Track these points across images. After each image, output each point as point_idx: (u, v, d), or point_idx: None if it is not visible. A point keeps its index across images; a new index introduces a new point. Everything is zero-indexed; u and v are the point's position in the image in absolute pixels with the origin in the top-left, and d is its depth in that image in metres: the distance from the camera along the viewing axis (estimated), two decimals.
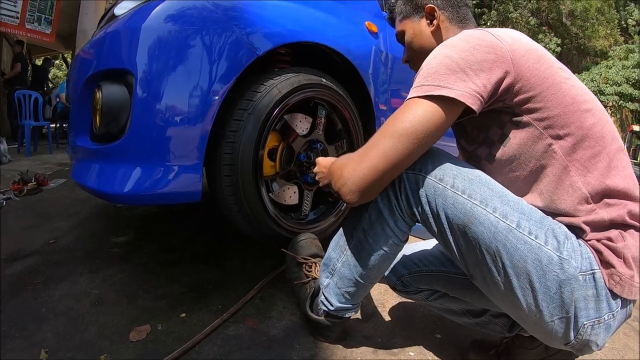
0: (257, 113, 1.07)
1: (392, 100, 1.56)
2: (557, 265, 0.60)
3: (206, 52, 1.00)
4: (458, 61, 0.65)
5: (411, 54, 0.90)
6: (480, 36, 0.67)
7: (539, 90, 0.65)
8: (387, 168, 0.66)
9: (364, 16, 1.51)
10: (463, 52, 0.65)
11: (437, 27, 0.84)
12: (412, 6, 0.87)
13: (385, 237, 0.75)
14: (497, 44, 0.66)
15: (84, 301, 1.08)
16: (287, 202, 1.24)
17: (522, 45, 0.68)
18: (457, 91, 0.63)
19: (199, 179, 1.02)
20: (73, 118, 1.21)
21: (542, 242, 0.62)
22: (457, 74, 0.64)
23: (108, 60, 1.05)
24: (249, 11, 1.09)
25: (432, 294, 0.96)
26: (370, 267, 0.79)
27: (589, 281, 0.61)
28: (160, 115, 0.95)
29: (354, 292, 0.84)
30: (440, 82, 0.64)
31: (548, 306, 0.62)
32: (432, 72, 0.65)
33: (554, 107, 0.65)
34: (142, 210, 1.89)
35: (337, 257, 0.84)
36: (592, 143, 0.65)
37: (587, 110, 0.66)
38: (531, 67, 0.65)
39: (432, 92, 0.64)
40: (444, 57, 0.66)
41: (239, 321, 1.00)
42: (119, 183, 0.97)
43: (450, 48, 0.67)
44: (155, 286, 1.16)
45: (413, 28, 0.87)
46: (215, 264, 1.31)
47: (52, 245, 1.48)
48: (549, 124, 0.65)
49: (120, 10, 1.17)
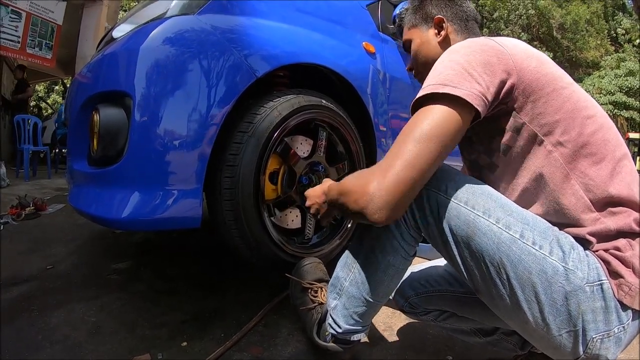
0: (258, 135, 1.06)
1: (391, 121, 1.57)
2: (563, 276, 0.59)
3: (205, 74, 1.00)
4: (462, 63, 0.65)
5: (416, 62, 0.91)
6: (483, 42, 0.69)
7: (540, 95, 0.65)
8: (416, 176, 0.62)
9: (361, 37, 1.52)
10: (466, 56, 0.66)
11: (444, 37, 0.85)
12: (421, 16, 0.89)
13: (393, 251, 0.75)
14: (499, 49, 0.67)
15: (82, 329, 1.05)
16: (290, 226, 1.23)
17: (523, 51, 0.68)
18: (463, 90, 0.62)
19: (199, 203, 1.00)
20: (70, 141, 1.20)
21: (547, 253, 0.60)
22: (462, 75, 0.64)
23: (105, 82, 1.05)
24: (247, 33, 1.10)
25: (440, 314, 0.94)
26: (379, 284, 0.78)
27: (596, 292, 0.59)
28: (158, 138, 0.94)
29: (362, 312, 0.82)
30: (445, 81, 0.64)
31: (555, 319, 0.60)
32: (437, 74, 0.66)
33: (554, 113, 0.65)
34: (140, 236, 1.87)
35: (344, 276, 0.83)
36: (593, 150, 0.64)
37: (588, 116, 0.66)
38: (532, 72, 0.66)
39: (438, 90, 0.63)
40: (449, 61, 0.67)
41: (242, 349, 0.97)
42: (116, 208, 0.95)
43: (454, 53, 0.69)
44: (155, 314, 1.12)
45: (420, 37, 0.89)
46: (216, 292, 1.28)
47: (49, 271, 1.45)
48: (550, 130, 0.65)
49: (118, 33, 1.18)
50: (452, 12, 0.86)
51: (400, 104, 1.62)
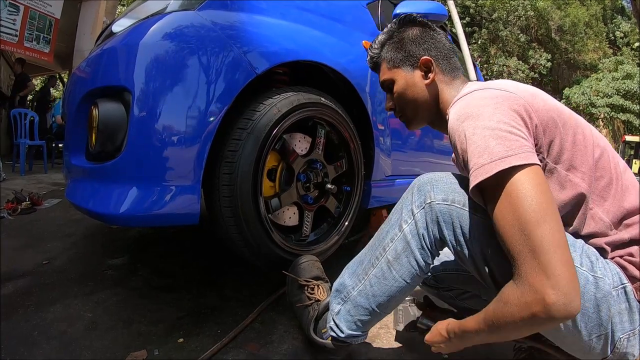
0: (257, 132, 1.06)
1: (390, 120, 1.57)
2: (593, 285, 0.61)
3: (204, 70, 0.99)
4: (499, 127, 0.61)
5: (400, 103, 0.86)
6: (493, 94, 0.66)
7: (556, 133, 0.66)
8: (567, 249, 0.56)
9: (360, 35, 1.52)
10: (494, 116, 0.62)
11: (432, 80, 0.81)
12: (404, 55, 0.83)
13: (410, 268, 0.75)
14: (510, 96, 0.66)
15: (78, 325, 1.04)
16: (287, 223, 1.23)
17: (526, 91, 0.69)
18: (522, 154, 0.59)
19: (197, 200, 1.00)
20: (68, 136, 1.19)
21: (578, 264, 0.62)
22: (507, 138, 0.60)
23: (105, 77, 1.04)
24: (247, 30, 1.10)
25: (463, 293, 0.95)
26: (390, 298, 0.78)
27: (621, 295, 0.62)
28: (157, 133, 0.94)
29: (367, 321, 0.83)
30: (500, 154, 0.59)
31: (586, 326, 0.62)
32: (484, 149, 0.60)
33: (571, 148, 0.66)
34: (137, 232, 1.86)
35: (352, 284, 0.82)
36: (602, 173, 0.67)
37: (593, 143, 0.68)
38: (542, 110, 0.66)
39: (501, 167, 0.58)
40: (484, 129, 0.62)
41: (239, 346, 0.97)
42: (114, 203, 0.94)
43: (477, 119, 0.64)
44: (151, 310, 1.12)
45: (405, 78, 0.83)
46: (213, 288, 1.28)
47: (45, 266, 1.44)
48: (571, 165, 0.66)
49: (118, 28, 1.17)
50: (436, 51, 0.82)
51: None
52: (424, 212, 0.72)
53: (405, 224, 0.75)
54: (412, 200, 0.75)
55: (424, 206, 0.72)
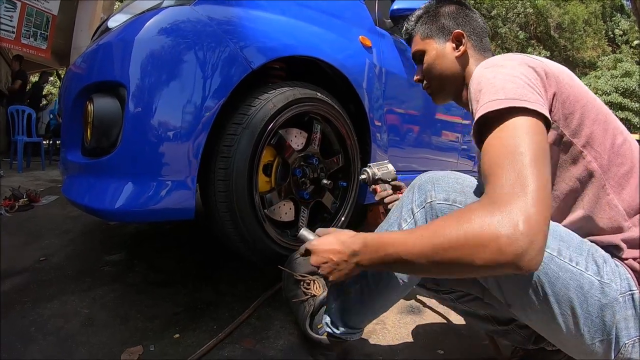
0: (252, 127, 1.06)
1: (387, 116, 1.56)
2: (599, 290, 0.60)
3: (200, 65, 0.99)
4: (520, 76, 0.62)
5: (430, 75, 0.87)
6: (522, 56, 0.67)
7: (576, 108, 0.65)
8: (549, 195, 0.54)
9: (358, 31, 1.52)
10: (518, 68, 0.63)
11: (463, 53, 0.82)
12: (437, 28, 0.85)
13: None
14: (539, 62, 0.66)
15: (74, 321, 1.04)
16: (283, 218, 1.22)
17: (553, 64, 0.68)
18: (535, 104, 0.59)
19: (193, 195, 1.00)
20: (64, 132, 1.19)
21: (583, 269, 0.61)
22: (526, 87, 0.60)
23: (100, 72, 1.04)
24: (244, 25, 1.09)
25: (464, 296, 0.92)
26: (387, 297, 0.78)
27: (628, 302, 0.60)
28: (153, 129, 0.93)
29: (363, 319, 0.82)
30: (516, 95, 0.59)
31: (589, 330, 0.61)
32: (500, 88, 0.60)
33: (591, 125, 0.65)
34: (134, 228, 1.86)
35: (350, 282, 0.81)
36: (623, 160, 0.65)
37: (616, 128, 0.67)
38: (567, 85, 0.65)
39: (514, 104, 0.58)
40: (505, 75, 0.62)
41: (234, 342, 0.97)
42: (110, 199, 0.94)
43: (503, 67, 0.64)
44: (148, 306, 1.12)
45: (436, 49, 0.85)
46: (209, 284, 1.28)
47: (42, 263, 1.44)
48: (587, 141, 0.64)
49: (113, 23, 1.16)
50: (470, 27, 0.84)
51: (395, 99, 1.61)
52: (424, 212, 0.70)
53: (404, 222, 0.74)
54: (413, 199, 0.73)
55: (425, 205, 0.71)
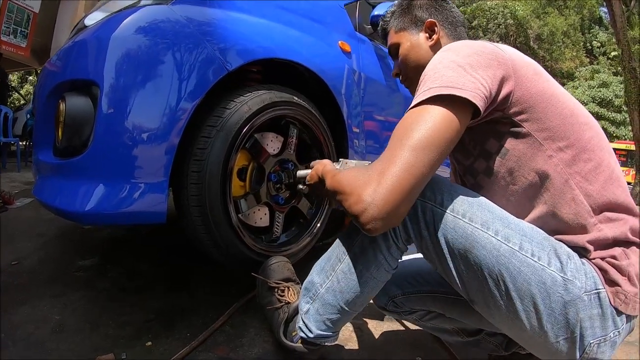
0: (226, 130, 1.05)
1: (365, 123, 1.56)
2: (562, 287, 0.60)
3: (175, 66, 0.98)
4: (463, 64, 0.63)
5: (405, 67, 0.88)
6: (482, 44, 0.68)
7: (538, 101, 0.65)
8: (414, 184, 0.59)
9: (337, 36, 1.52)
10: (468, 57, 0.65)
11: (436, 41, 0.83)
12: (410, 19, 0.87)
13: (377, 263, 0.73)
14: (499, 52, 0.67)
15: (45, 327, 1.02)
16: (258, 224, 1.21)
17: (520, 57, 0.69)
18: (468, 92, 0.61)
19: (165, 198, 0.98)
20: (37, 131, 1.16)
21: (545, 264, 0.61)
22: (465, 76, 0.62)
23: (73, 70, 1.02)
24: (221, 26, 1.09)
25: (426, 314, 0.93)
26: (357, 295, 0.77)
27: (594, 300, 0.60)
28: (125, 129, 0.92)
29: (336, 320, 0.80)
30: (450, 83, 0.61)
31: (553, 327, 0.61)
32: (440, 76, 0.63)
33: (553, 118, 0.65)
34: (110, 232, 1.82)
35: (320, 281, 0.80)
36: (591, 155, 0.65)
37: (584, 123, 0.67)
38: (530, 79, 0.66)
39: (442, 92, 0.61)
40: (450, 61, 0.65)
41: (208, 349, 0.96)
42: (80, 201, 0.92)
43: (455, 52, 0.67)
44: (120, 313, 1.10)
45: (410, 40, 0.86)
46: (183, 290, 1.26)
47: (14, 267, 1.40)
48: (549, 135, 0.65)
49: (90, 21, 1.14)
50: (442, 16, 0.85)
51: (374, 105, 1.61)
52: None
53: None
54: None
55: None
